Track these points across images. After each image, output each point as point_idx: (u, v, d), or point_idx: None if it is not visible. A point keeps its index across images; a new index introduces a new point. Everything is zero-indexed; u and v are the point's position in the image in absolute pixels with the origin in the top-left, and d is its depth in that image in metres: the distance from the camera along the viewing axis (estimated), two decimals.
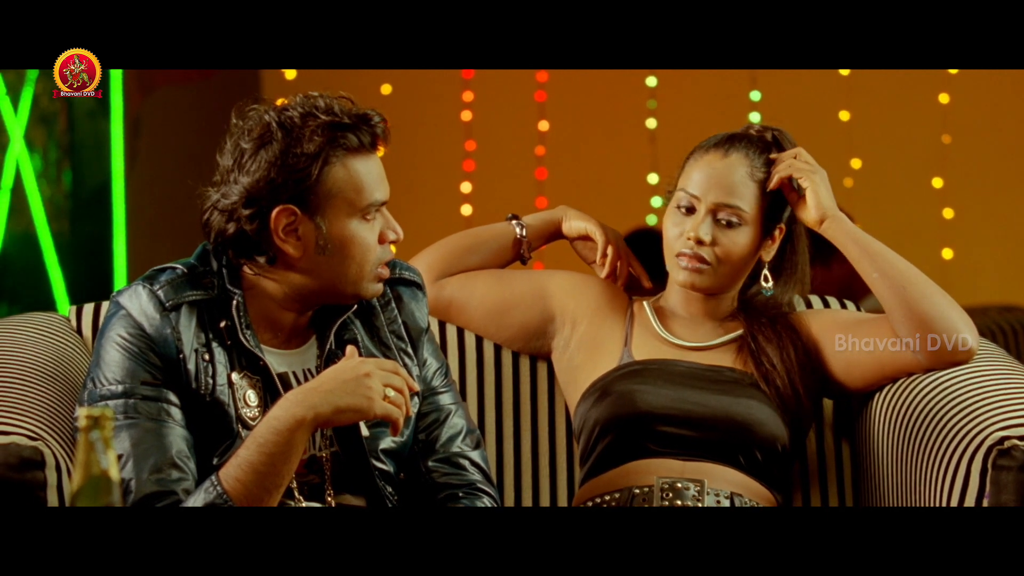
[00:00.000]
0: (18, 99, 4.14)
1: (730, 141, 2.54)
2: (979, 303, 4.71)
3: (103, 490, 1.63)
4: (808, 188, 2.50)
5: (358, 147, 2.18)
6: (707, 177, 2.51)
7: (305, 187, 2.15)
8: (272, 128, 2.16)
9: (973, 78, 5.12)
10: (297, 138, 2.15)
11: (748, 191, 2.51)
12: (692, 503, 2.41)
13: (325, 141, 2.15)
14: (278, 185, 2.15)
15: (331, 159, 2.16)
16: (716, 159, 2.52)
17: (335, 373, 2.11)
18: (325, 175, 2.16)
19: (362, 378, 2.10)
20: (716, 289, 2.55)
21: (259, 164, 2.15)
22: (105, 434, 1.63)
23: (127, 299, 2.19)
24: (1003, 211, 5.43)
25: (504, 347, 2.69)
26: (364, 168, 2.19)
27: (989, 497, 2.19)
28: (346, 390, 2.09)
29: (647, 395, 2.49)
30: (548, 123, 5.16)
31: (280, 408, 2.10)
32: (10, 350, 2.40)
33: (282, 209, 2.16)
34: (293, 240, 2.18)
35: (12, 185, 4.15)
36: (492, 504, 2.31)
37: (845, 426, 2.67)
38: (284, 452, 2.08)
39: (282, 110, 2.18)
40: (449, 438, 2.32)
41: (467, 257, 2.64)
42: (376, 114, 2.20)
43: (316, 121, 2.16)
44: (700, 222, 2.50)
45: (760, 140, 2.56)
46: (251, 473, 2.08)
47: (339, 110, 2.17)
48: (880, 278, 2.46)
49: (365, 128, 2.18)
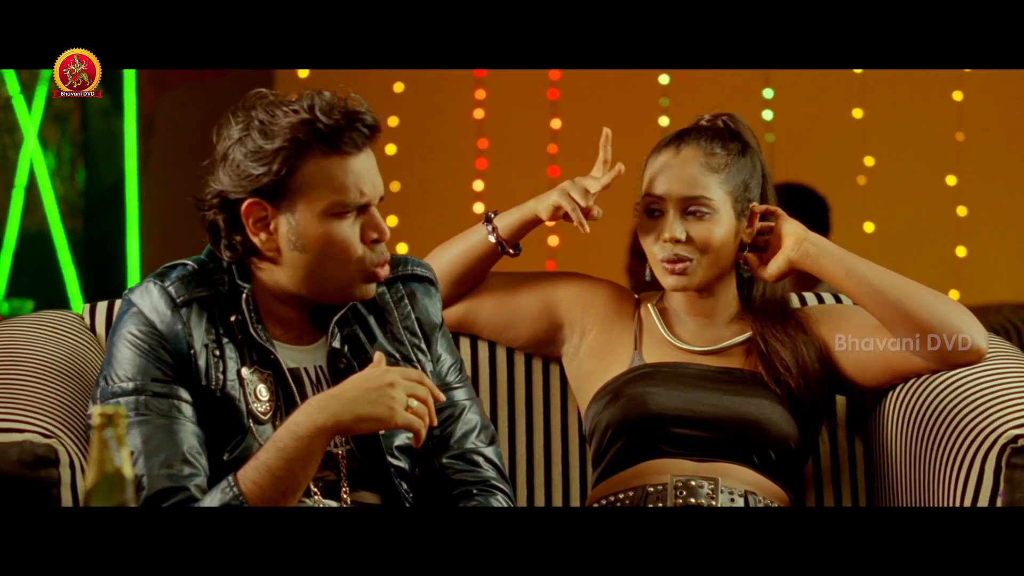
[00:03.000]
0: (32, 97, 4.15)
1: (679, 137, 2.53)
2: (993, 301, 4.70)
3: (117, 487, 1.63)
4: (778, 222, 2.49)
5: (333, 147, 2.16)
6: (665, 176, 2.50)
7: (273, 182, 2.15)
8: (252, 121, 2.16)
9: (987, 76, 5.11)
10: (269, 133, 2.15)
11: (709, 179, 2.49)
12: (706, 501, 2.41)
13: (293, 138, 2.14)
14: (245, 178, 2.16)
15: (302, 156, 2.15)
16: (670, 157, 2.51)
17: (359, 381, 2.11)
18: (296, 172, 2.15)
19: (385, 387, 2.09)
20: (707, 283, 2.53)
21: (234, 156, 2.16)
22: (119, 432, 1.63)
23: (138, 296, 2.20)
24: (1017, 209, 5.41)
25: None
26: (339, 168, 2.17)
27: (1003, 496, 2.18)
28: (368, 399, 2.09)
29: (659, 397, 2.48)
30: (560, 121, 5.15)
31: (302, 414, 2.10)
32: (24, 348, 2.40)
33: (252, 202, 2.17)
34: (265, 234, 2.18)
35: (26, 183, 4.16)
36: (506, 501, 2.31)
37: (858, 425, 2.66)
38: (303, 458, 2.09)
39: (268, 104, 2.17)
40: (464, 434, 2.32)
41: (460, 288, 2.59)
42: (367, 115, 2.18)
43: (290, 119, 2.15)
44: (671, 221, 2.49)
45: (710, 129, 2.54)
46: (268, 477, 2.09)
47: (320, 107, 2.15)
48: (873, 295, 2.45)
49: (346, 128, 2.16)
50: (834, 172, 5.14)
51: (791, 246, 2.48)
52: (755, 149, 2.56)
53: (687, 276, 2.50)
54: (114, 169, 4.50)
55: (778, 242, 2.50)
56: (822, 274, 2.48)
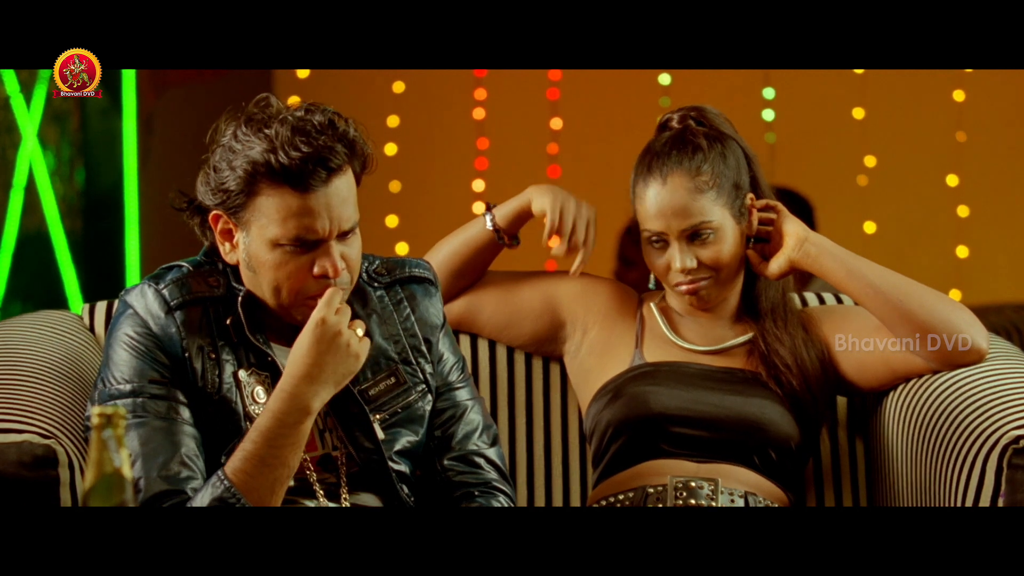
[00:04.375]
0: (31, 97, 4.15)
1: (660, 164, 2.48)
2: (994, 301, 4.69)
3: (116, 488, 1.63)
4: (779, 218, 2.48)
5: (287, 183, 2.13)
6: (659, 211, 2.47)
7: (233, 202, 2.16)
8: (233, 136, 2.16)
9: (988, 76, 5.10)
10: (235, 154, 2.15)
11: (703, 201, 2.46)
12: (706, 502, 2.41)
13: (252, 168, 2.13)
14: (215, 189, 2.17)
15: (255, 185, 2.14)
16: (658, 189, 2.47)
17: (315, 355, 2.12)
18: (250, 198, 2.15)
19: (339, 343, 2.13)
20: (724, 296, 2.54)
21: (211, 166, 2.18)
22: (118, 432, 1.63)
23: (134, 298, 2.20)
24: (1018, 208, 5.40)
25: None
26: (292, 204, 2.13)
27: (1005, 496, 2.18)
28: (337, 362, 2.13)
29: (660, 396, 2.48)
30: (561, 121, 5.15)
31: (282, 401, 2.11)
32: (23, 348, 2.40)
33: (215, 214, 2.19)
34: (228, 244, 2.20)
35: (25, 183, 4.15)
36: (507, 503, 2.31)
37: (859, 425, 2.66)
38: (293, 443, 2.11)
39: (248, 118, 2.16)
40: (465, 435, 2.32)
41: (461, 281, 2.60)
42: (337, 149, 2.13)
43: (254, 148, 2.13)
44: (678, 252, 2.47)
45: (684, 140, 2.49)
46: (260, 466, 2.09)
47: (284, 142, 2.11)
48: (873, 295, 2.44)
49: (302, 168, 2.12)
50: (835, 172, 5.13)
51: (792, 246, 2.48)
52: (731, 136, 2.53)
53: (704, 293, 2.49)
54: (113, 169, 4.49)
55: (779, 239, 2.50)
56: (823, 274, 2.48)
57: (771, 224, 2.52)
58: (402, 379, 2.28)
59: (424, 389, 2.30)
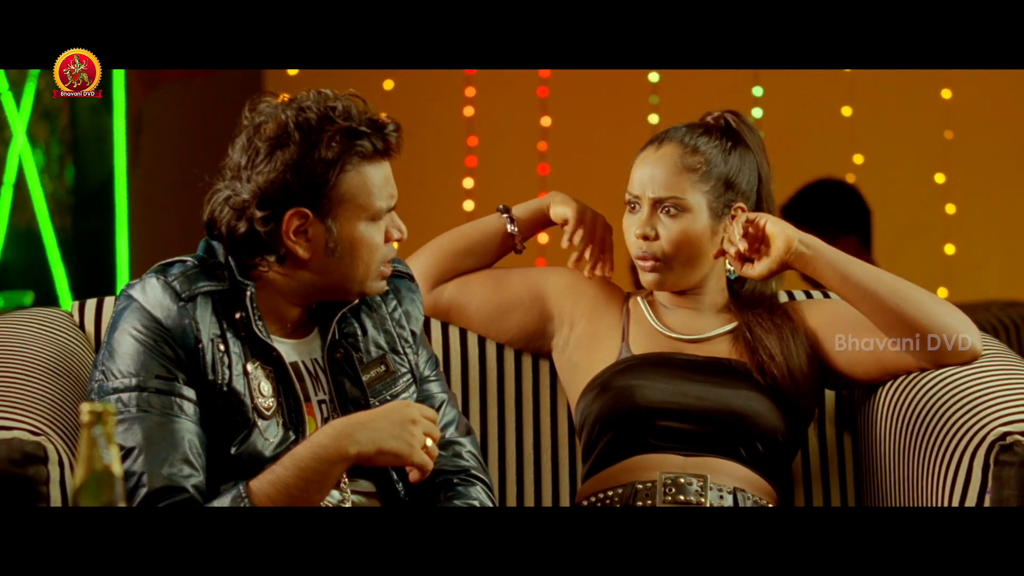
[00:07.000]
0: (21, 94, 4.14)
1: (666, 133, 2.54)
2: (981, 299, 4.71)
3: (105, 485, 1.63)
4: (767, 221, 2.43)
5: (372, 154, 2.21)
6: (642, 173, 2.51)
7: (320, 192, 2.17)
8: (289, 129, 2.17)
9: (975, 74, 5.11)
10: (315, 142, 2.17)
11: (684, 179, 2.49)
12: (695, 498, 2.42)
13: (342, 148, 2.18)
14: (293, 188, 2.17)
15: (347, 166, 2.19)
16: (650, 153, 2.52)
17: (384, 413, 2.17)
18: (340, 181, 2.19)
19: (408, 423, 2.15)
20: (681, 284, 2.54)
21: (274, 165, 2.17)
22: (107, 429, 1.63)
23: (139, 292, 2.20)
24: (1005, 207, 5.42)
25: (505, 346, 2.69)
26: (376, 174, 2.22)
27: (991, 493, 2.19)
28: (392, 433, 2.14)
29: (645, 390, 2.49)
30: (550, 119, 5.15)
31: (327, 436, 2.14)
32: (13, 345, 2.40)
33: (294, 212, 2.18)
34: (303, 241, 2.20)
35: (15, 180, 4.15)
36: (486, 491, 2.34)
37: (847, 421, 2.67)
38: (321, 480, 2.13)
39: (299, 110, 2.18)
40: (443, 426, 2.35)
41: (461, 261, 2.63)
42: (391, 121, 2.23)
43: (334, 126, 2.18)
44: (643, 218, 2.50)
45: (701, 125, 2.54)
46: (284, 494, 2.12)
47: (355, 114, 2.19)
48: (869, 298, 2.44)
49: (379, 136, 2.21)
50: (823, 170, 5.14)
51: (782, 248, 2.43)
52: (753, 149, 2.55)
53: (658, 274, 2.50)
54: (103, 166, 4.49)
55: (765, 242, 2.47)
56: (815, 276, 2.47)
57: (753, 236, 2.44)
58: (391, 368, 2.32)
59: (410, 379, 2.34)
